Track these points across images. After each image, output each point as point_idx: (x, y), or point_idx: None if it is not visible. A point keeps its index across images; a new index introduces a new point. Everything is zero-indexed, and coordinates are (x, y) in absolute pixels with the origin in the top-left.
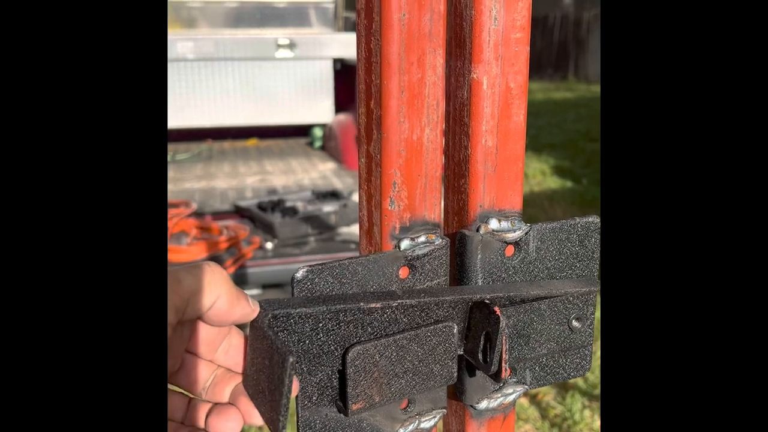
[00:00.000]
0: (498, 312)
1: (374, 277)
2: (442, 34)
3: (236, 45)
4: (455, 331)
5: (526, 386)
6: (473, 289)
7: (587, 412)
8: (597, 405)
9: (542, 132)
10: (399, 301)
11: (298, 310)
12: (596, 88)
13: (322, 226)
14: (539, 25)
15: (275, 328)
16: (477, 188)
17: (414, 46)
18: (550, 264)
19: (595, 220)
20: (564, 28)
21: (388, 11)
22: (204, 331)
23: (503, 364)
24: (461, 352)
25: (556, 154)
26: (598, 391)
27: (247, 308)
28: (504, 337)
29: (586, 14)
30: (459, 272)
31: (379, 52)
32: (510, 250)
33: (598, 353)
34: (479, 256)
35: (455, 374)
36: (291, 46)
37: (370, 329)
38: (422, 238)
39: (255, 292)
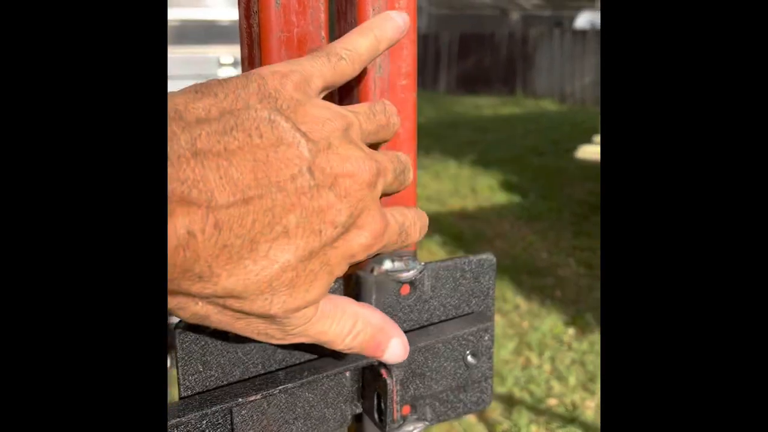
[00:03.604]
0: (385, 375)
1: None
2: None
3: (179, 63)
4: (347, 374)
5: (427, 422)
6: (359, 354)
7: (533, 427)
8: (543, 419)
9: (491, 147)
10: (281, 387)
11: (170, 422)
12: (544, 104)
13: None
14: (487, 42)
15: None
16: None
17: None
18: (446, 301)
19: (489, 257)
20: (511, 45)
21: (269, 62)
22: None
23: (395, 413)
24: (360, 411)
25: (504, 169)
26: (544, 406)
27: None
28: (395, 398)
29: (532, 31)
30: None
31: None
32: (405, 290)
33: (544, 370)
34: (374, 296)
35: (349, 416)
36: (234, 64)
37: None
38: None
39: None
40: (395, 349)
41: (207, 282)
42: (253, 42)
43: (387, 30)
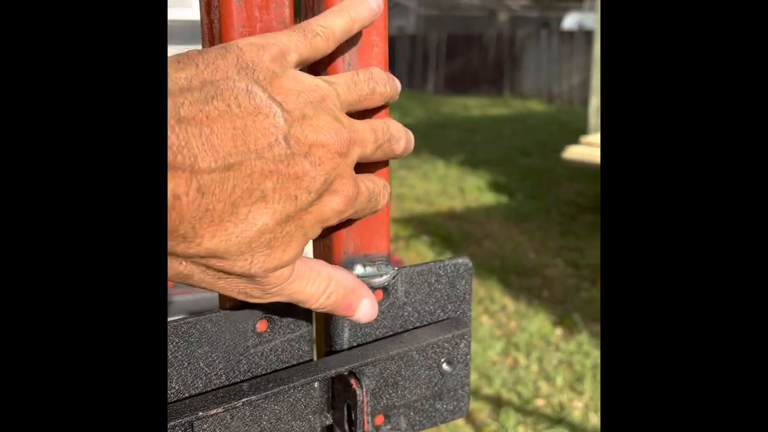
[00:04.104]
0: (354, 385)
1: (226, 333)
2: None
3: None
4: (316, 385)
5: None
6: (327, 363)
7: (521, 428)
8: (530, 420)
9: (479, 148)
10: (244, 399)
11: None
12: (531, 104)
13: None
14: (475, 42)
15: None
16: (340, 234)
17: None
18: (421, 307)
19: (465, 261)
20: (499, 46)
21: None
22: None
23: (365, 424)
24: (330, 422)
25: (492, 170)
26: (531, 407)
27: None
28: (365, 409)
29: (519, 32)
30: (326, 321)
31: None
32: (379, 295)
33: (531, 371)
34: None
35: (318, 428)
36: None
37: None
38: None
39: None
40: (366, 308)
41: (191, 242)
42: (215, 38)
43: (362, 12)
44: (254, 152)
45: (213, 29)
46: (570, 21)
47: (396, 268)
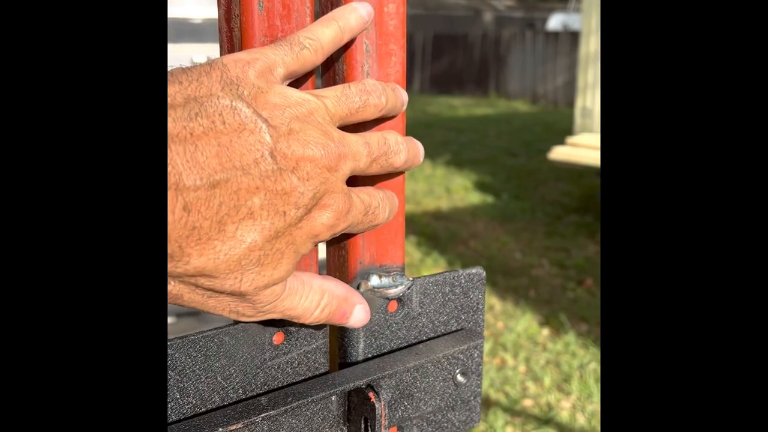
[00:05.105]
0: (373, 398)
1: (243, 346)
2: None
3: None
4: (333, 398)
5: None
6: (345, 376)
7: (509, 429)
8: (518, 421)
9: (464, 148)
10: (263, 414)
11: None
12: (516, 104)
13: None
14: (460, 42)
15: None
16: (356, 244)
17: None
18: (435, 317)
19: (478, 271)
20: (484, 46)
21: None
22: None
23: None
24: None
25: (478, 170)
26: (519, 407)
27: None
28: (383, 422)
29: (505, 32)
30: (341, 332)
31: None
32: (393, 306)
33: (518, 371)
34: None
35: None
36: None
37: None
38: None
39: (170, 320)
40: (358, 314)
41: (178, 261)
42: (234, 47)
43: (350, 20)
44: (240, 169)
45: (233, 37)
46: (555, 21)
47: (411, 279)
